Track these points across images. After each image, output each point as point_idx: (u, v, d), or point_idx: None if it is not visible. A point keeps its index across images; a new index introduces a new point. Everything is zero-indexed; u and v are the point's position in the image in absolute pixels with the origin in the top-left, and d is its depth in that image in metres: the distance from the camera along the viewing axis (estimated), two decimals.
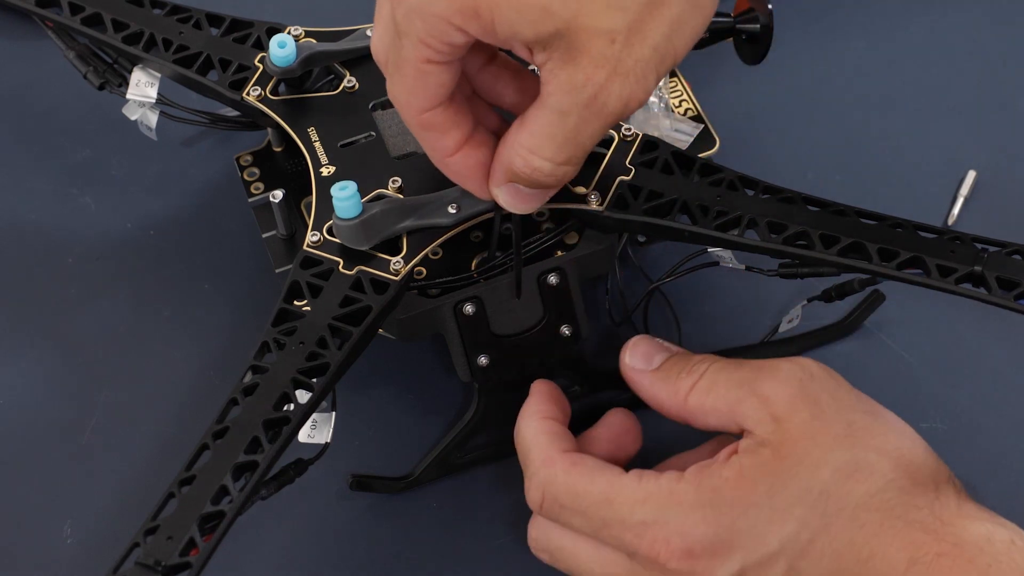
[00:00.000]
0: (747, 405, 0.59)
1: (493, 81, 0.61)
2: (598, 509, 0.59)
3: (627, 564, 0.60)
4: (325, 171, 0.67)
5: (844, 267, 0.62)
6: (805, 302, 0.69)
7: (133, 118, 0.72)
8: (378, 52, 0.59)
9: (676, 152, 0.66)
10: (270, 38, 0.68)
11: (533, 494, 0.61)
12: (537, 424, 0.63)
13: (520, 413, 0.64)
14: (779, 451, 0.58)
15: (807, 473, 0.57)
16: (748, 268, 0.67)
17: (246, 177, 0.72)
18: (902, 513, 0.56)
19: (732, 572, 0.57)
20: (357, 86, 0.69)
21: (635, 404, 0.66)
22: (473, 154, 0.60)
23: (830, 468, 0.57)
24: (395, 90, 0.59)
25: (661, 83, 0.72)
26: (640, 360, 0.64)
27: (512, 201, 0.61)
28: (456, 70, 0.58)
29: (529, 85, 0.61)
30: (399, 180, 0.66)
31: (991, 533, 0.56)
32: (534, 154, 0.58)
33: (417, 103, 0.58)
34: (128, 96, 0.71)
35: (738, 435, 0.60)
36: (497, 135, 0.60)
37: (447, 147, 0.60)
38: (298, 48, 0.68)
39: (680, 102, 0.73)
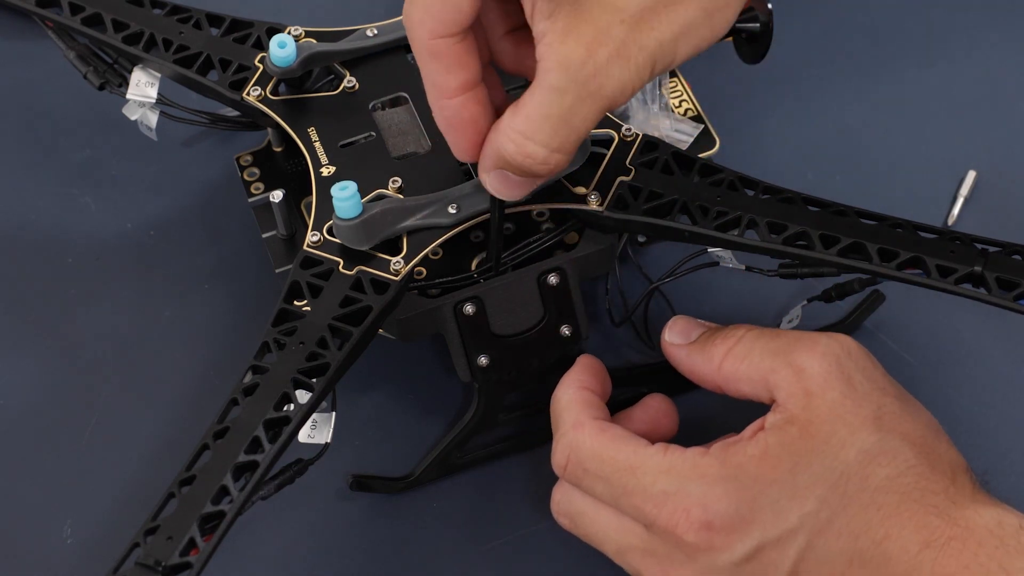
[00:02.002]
0: (781, 375, 0.59)
1: (515, 48, 0.61)
2: (621, 476, 0.60)
3: (644, 535, 0.60)
4: (325, 171, 0.67)
5: (844, 267, 0.62)
6: (805, 302, 0.69)
7: (133, 118, 0.72)
8: None
9: (676, 152, 0.66)
10: (270, 38, 0.68)
11: (559, 456, 0.62)
12: (574, 392, 0.63)
13: (560, 381, 0.64)
14: (807, 430, 0.58)
15: (832, 453, 0.57)
16: (748, 268, 0.67)
17: (246, 177, 0.72)
18: (919, 497, 0.57)
19: (750, 548, 0.57)
20: (357, 86, 0.69)
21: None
22: (471, 107, 0.59)
23: (855, 449, 0.57)
24: (412, 8, 0.57)
25: (661, 83, 0.72)
26: (678, 336, 0.64)
27: (500, 188, 0.60)
28: (476, 1, 0.56)
29: None
30: (399, 180, 0.66)
31: (1001, 518, 0.56)
32: (528, 139, 0.57)
33: (431, 24, 0.57)
34: (128, 96, 0.71)
35: (768, 405, 0.60)
36: (500, 112, 0.59)
37: (449, 86, 0.59)
38: (298, 48, 0.68)
39: (680, 102, 0.73)
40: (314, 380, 0.60)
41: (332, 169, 0.67)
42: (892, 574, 0.56)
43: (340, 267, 0.63)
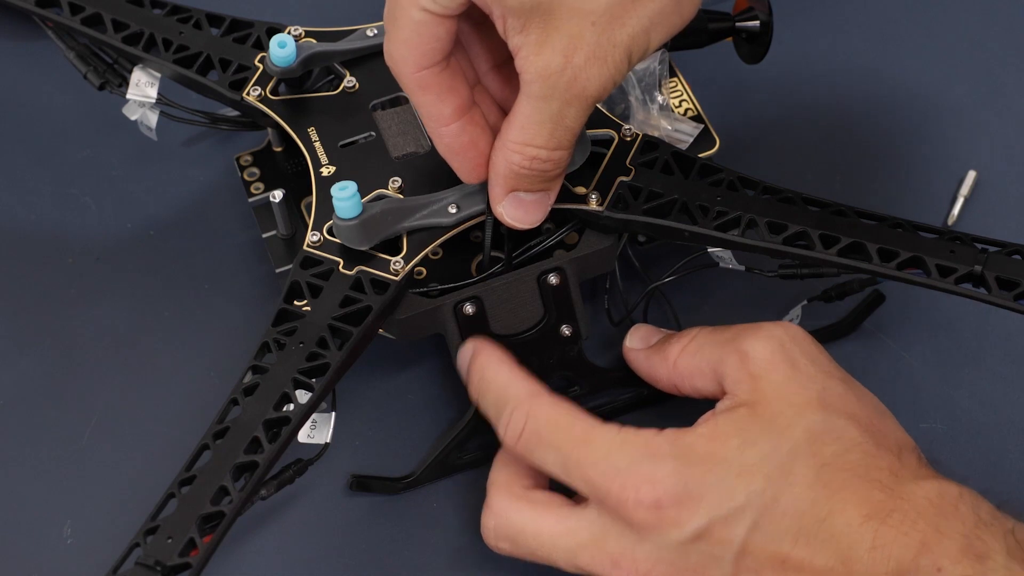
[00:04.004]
0: (728, 363, 0.61)
1: (503, 84, 0.62)
2: (575, 446, 0.60)
3: (593, 526, 0.60)
4: (325, 171, 0.67)
5: (844, 267, 0.62)
6: (805, 302, 0.69)
7: (133, 118, 0.72)
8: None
9: (676, 152, 0.66)
10: (270, 38, 0.68)
11: (515, 423, 0.61)
12: (510, 368, 0.63)
13: (476, 364, 0.63)
14: (754, 410, 0.59)
15: (778, 432, 0.58)
16: (748, 269, 0.67)
17: (246, 177, 0.72)
18: (863, 473, 0.57)
19: (698, 526, 0.57)
20: (357, 86, 0.69)
21: (636, 404, 0.67)
22: (469, 130, 0.61)
23: (801, 428, 0.58)
24: (391, 47, 0.59)
25: (661, 83, 0.72)
26: (639, 341, 0.66)
27: (517, 214, 0.62)
28: (451, 28, 0.58)
29: None
30: (399, 180, 0.66)
31: (942, 490, 0.57)
32: (527, 145, 0.59)
33: (413, 58, 0.59)
34: (128, 96, 0.71)
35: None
36: (496, 132, 0.61)
37: (444, 113, 0.60)
38: (298, 48, 0.68)
39: (680, 102, 0.73)
40: (314, 380, 0.60)
41: (332, 169, 0.67)
42: (836, 548, 0.56)
43: (340, 267, 0.63)
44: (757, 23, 0.70)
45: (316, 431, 0.62)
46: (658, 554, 0.58)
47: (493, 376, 0.63)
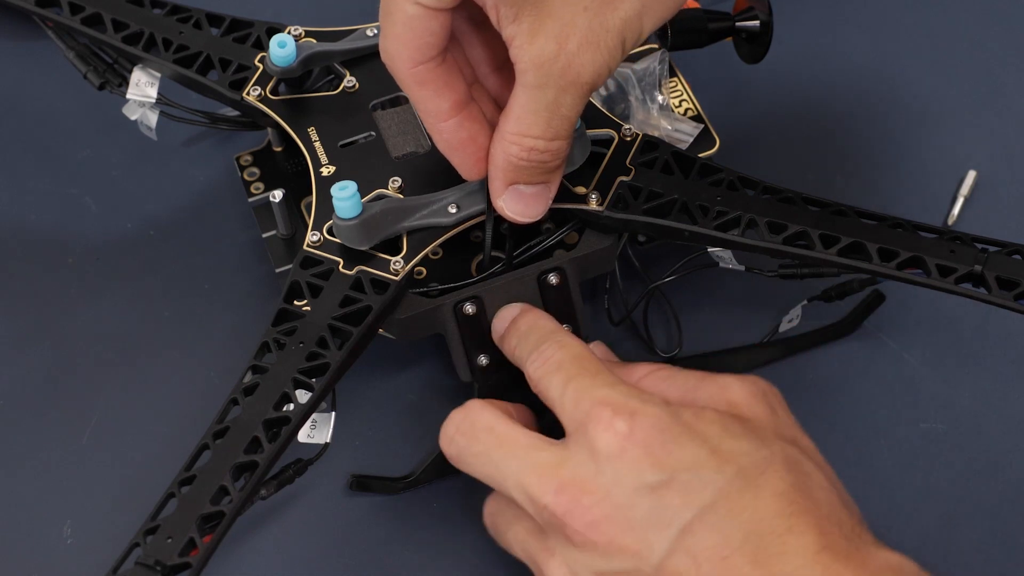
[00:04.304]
0: (703, 390, 0.60)
1: (503, 86, 0.62)
2: (583, 377, 0.59)
3: (560, 450, 0.58)
4: (325, 171, 0.67)
5: (844, 267, 0.62)
6: (805, 302, 0.69)
7: (133, 118, 0.72)
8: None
9: (676, 152, 0.66)
10: (270, 38, 0.68)
11: (549, 351, 0.61)
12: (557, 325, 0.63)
13: (529, 315, 0.64)
14: (737, 418, 0.58)
15: (759, 439, 0.57)
16: (748, 269, 0.67)
17: (246, 177, 0.72)
18: (827, 513, 0.56)
19: (659, 479, 0.56)
20: (357, 86, 0.69)
21: None
22: (468, 125, 0.61)
23: (779, 447, 0.57)
24: (387, 43, 0.59)
25: (661, 83, 0.72)
26: (598, 349, 0.65)
27: (518, 207, 0.62)
28: (446, 22, 0.58)
29: None
30: (399, 180, 0.66)
31: (903, 563, 0.56)
32: (525, 136, 0.59)
33: (409, 54, 0.59)
34: (128, 96, 0.71)
35: None
36: (494, 123, 0.61)
37: (442, 109, 0.60)
38: (298, 48, 0.68)
39: (680, 102, 0.73)
40: (314, 380, 0.60)
41: (332, 169, 0.67)
42: (783, 567, 0.54)
43: (340, 267, 0.63)
44: (757, 23, 0.70)
45: (316, 431, 0.62)
46: (609, 489, 0.56)
47: (536, 319, 0.63)
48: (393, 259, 0.64)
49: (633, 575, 0.56)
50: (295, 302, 0.62)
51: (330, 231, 0.64)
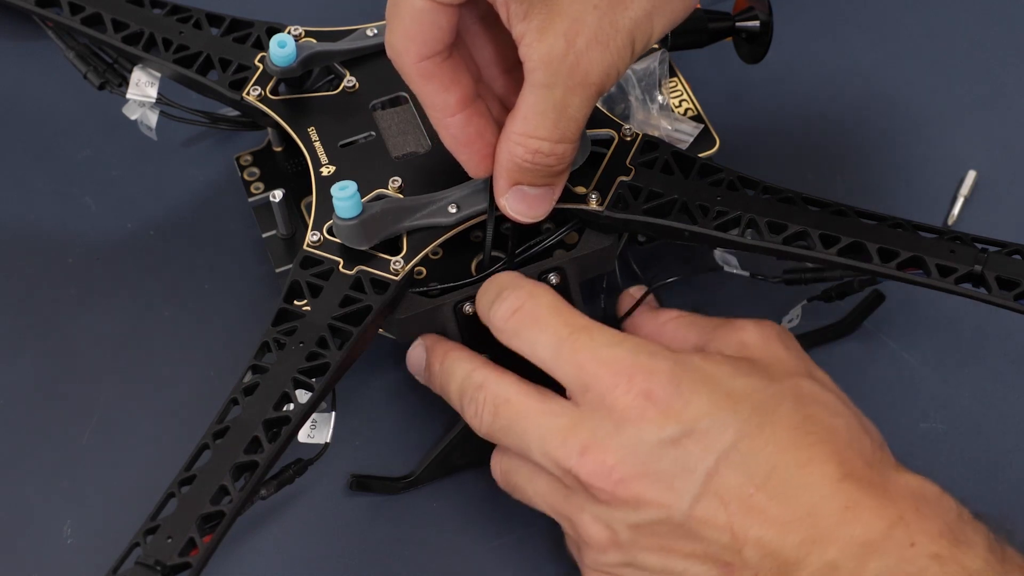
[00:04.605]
0: (719, 335, 0.62)
1: (512, 90, 0.62)
2: (574, 333, 0.60)
3: (574, 409, 0.59)
4: (325, 171, 0.67)
5: (844, 267, 0.62)
6: (805, 302, 0.69)
7: (133, 118, 0.72)
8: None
9: (676, 152, 0.66)
10: (270, 38, 0.68)
11: (511, 302, 0.61)
12: (518, 273, 0.63)
13: (494, 277, 0.63)
14: (745, 359, 0.60)
15: (770, 377, 0.59)
16: (753, 275, 0.67)
17: (246, 177, 0.73)
18: (847, 440, 0.58)
19: (679, 431, 0.57)
20: (357, 86, 0.69)
21: None
22: (475, 121, 0.60)
23: (790, 383, 0.59)
24: (393, 37, 0.59)
25: (661, 83, 0.72)
26: (636, 291, 0.67)
27: (521, 207, 0.62)
28: (452, 17, 0.58)
29: None
30: (399, 180, 0.66)
31: (924, 483, 0.57)
32: (531, 137, 0.59)
33: (416, 48, 0.58)
34: (128, 96, 0.71)
35: None
36: (501, 125, 0.61)
37: (449, 104, 0.60)
38: (298, 48, 0.68)
39: (680, 102, 0.73)
40: (314, 380, 0.60)
41: (332, 169, 0.67)
42: (807, 499, 0.56)
43: (340, 267, 0.63)
44: (757, 23, 0.70)
45: (316, 431, 0.62)
46: (631, 447, 0.57)
47: (498, 277, 0.63)
48: (393, 259, 0.64)
49: (665, 523, 0.58)
50: (295, 302, 0.62)
51: (330, 231, 0.64)
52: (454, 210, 0.64)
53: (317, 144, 0.68)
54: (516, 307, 0.61)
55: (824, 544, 0.55)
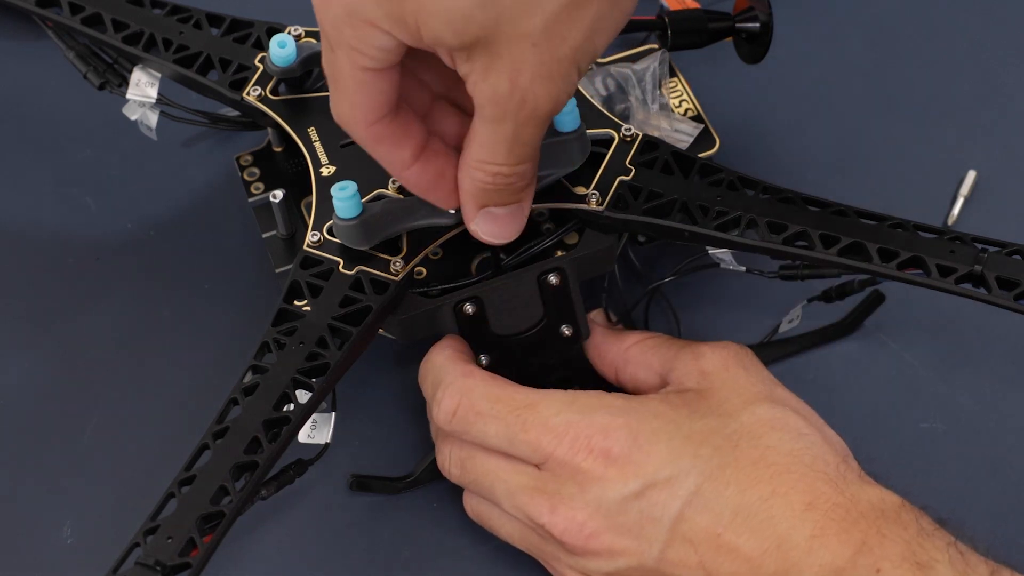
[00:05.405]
0: (679, 360, 0.63)
1: (468, 96, 0.62)
2: (519, 413, 0.61)
3: (536, 473, 0.61)
4: (325, 171, 0.67)
5: (844, 267, 0.62)
6: (805, 302, 0.69)
7: (133, 118, 0.72)
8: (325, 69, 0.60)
9: (676, 152, 0.66)
10: (270, 38, 0.68)
11: (447, 403, 0.62)
12: (450, 352, 0.64)
13: (428, 352, 0.65)
14: (702, 395, 0.61)
15: (727, 414, 0.60)
16: (748, 270, 0.67)
17: (246, 177, 0.72)
18: (810, 463, 0.59)
19: (641, 484, 0.59)
20: None
21: None
22: (431, 165, 0.61)
23: (748, 414, 0.60)
24: (338, 107, 0.59)
25: (661, 83, 0.72)
26: (599, 318, 0.68)
27: (491, 228, 0.61)
28: (394, 79, 0.58)
29: None
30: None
31: (884, 496, 0.58)
32: (489, 163, 0.59)
33: (362, 115, 0.58)
34: (128, 96, 0.71)
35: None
36: (459, 148, 0.60)
37: (404, 159, 0.60)
38: (298, 48, 0.68)
39: (680, 102, 0.73)
40: (314, 380, 0.60)
41: (332, 169, 0.67)
42: (774, 532, 0.57)
43: (340, 267, 0.63)
44: (757, 23, 0.70)
45: (316, 431, 0.62)
46: (597, 505, 0.59)
47: (432, 362, 0.64)
48: (393, 259, 0.64)
49: (638, 569, 0.59)
50: (295, 302, 0.62)
51: (330, 231, 0.64)
52: (454, 210, 0.64)
53: (317, 144, 0.68)
54: (453, 408, 0.62)
55: (795, 574, 0.57)
